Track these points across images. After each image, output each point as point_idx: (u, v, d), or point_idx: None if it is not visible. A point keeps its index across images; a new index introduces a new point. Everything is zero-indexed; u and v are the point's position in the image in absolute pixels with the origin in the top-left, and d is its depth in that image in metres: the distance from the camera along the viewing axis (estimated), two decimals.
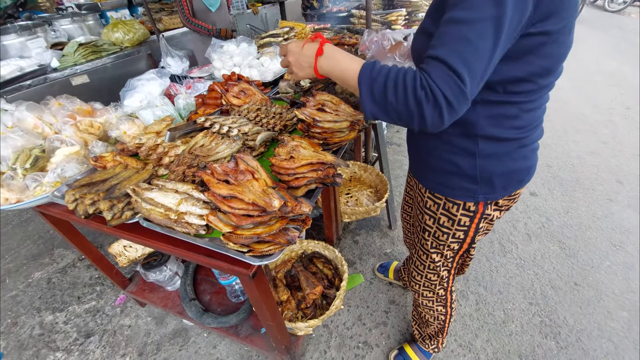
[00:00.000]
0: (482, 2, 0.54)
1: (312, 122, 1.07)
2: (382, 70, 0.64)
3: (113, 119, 1.40)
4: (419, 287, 1.23)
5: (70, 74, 2.80)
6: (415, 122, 0.61)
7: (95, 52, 2.99)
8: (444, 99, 0.56)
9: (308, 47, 0.79)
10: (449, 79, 0.56)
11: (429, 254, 1.09)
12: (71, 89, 2.83)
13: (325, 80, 1.35)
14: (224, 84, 1.62)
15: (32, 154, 1.23)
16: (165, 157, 1.07)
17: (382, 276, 1.90)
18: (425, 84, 0.57)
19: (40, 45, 3.02)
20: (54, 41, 3.10)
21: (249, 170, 0.77)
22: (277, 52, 1.29)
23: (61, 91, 2.78)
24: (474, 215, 0.90)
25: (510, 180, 0.84)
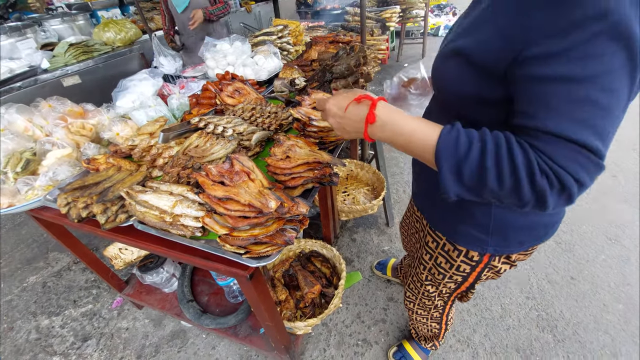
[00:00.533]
0: (605, 47, 0.40)
1: (308, 121, 1.06)
2: (474, 144, 0.48)
3: (105, 120, 1.38)
4: (413, 306, 1.17)
5: (61, 74, 2.75)
6: (528, 207, 0.48)
7: (86, 53, 2.94)
8: (576, 183, 0.44)
9: (354, 112, 0.61)
10: (580, 157, 0.43)
11: (423, 284, 1.02)
12: (62, 90, 2.79)
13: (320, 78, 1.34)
14: (218, 84, 1.60)
15: (23, 157, 1.21)
16: (159, 159, 1.05)
17: (380, 273, 1.90)
18: (547, 168, 0.44)
19: (31, 46, 2.96)
20: (44, 42, 3.05)
21: (245, 171, 0.76)
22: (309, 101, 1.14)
23: (52, 92, 2.73)
24: (475, 265, 0.80)
25: (529, 235, 0.71)
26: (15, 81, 2.60)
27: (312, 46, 1.88)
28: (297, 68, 1.85)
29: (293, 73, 1.80)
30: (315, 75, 1.37)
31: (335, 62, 1.35)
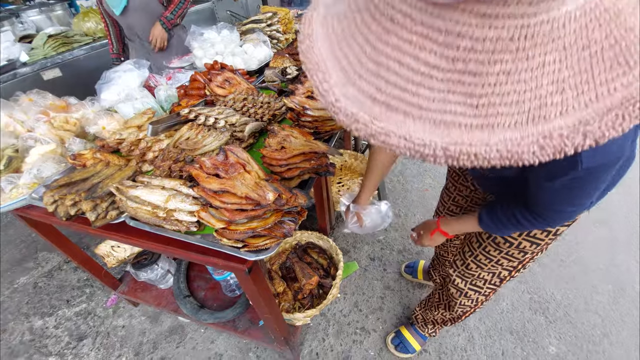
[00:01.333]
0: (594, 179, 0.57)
1: (302, 111, 1.04)
2: (503, 217, 0.75)
3: (90, 114, 1.32)
4: (464, 285, 1.11)
5: (40, 68, 2.63)
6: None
7: (66, 44, 2.82)
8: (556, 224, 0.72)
9: (436, 239, 1.01)
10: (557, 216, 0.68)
11: (493, 266, 1.02)
12: (43, 83, 2.67)
13: None
14: (207, 74, 1.55)
15: (5, 155, 1.16)
16: (149, 152, 1.02)
17: (411, 277, 1.82)
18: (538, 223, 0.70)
19: (8, 39, 2.81)
20: (22, 34, 2.91)
21: (240, 162, 0.74)
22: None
23: (32, 87, 2.60)
24: (535, 241, 0.89)
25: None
26: None
27: None
28: (288, 57, 1.80)
29: (284, 62, 1.76)
30: None
31: None
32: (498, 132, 0.27)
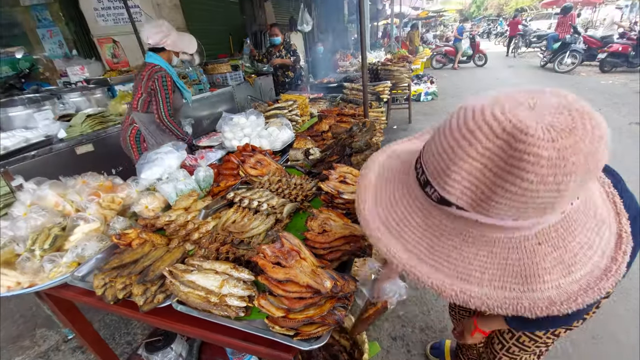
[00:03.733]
0: None
1: (337, 194, 1.14)
2: (534, 324, 0.79)
3: (134, 193, 1.43)
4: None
5: (75, 143, 2.87)
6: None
7: (102, 123, 3.12)
8: None
9: (477, 337, 1.04)
10: None
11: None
12: (75, 157, 2.88)
13: (340, 152, 1.47)
14: (240, 155, 1.72)
15: (52, 234, 1.22)
16: (195, 233, 1.09)
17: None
18: None
19: (48, 117, 3.12)
20: (62, 113, 3.23)
21: (294, 249, 0.80)
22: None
23: (65, 160, 2.83)
24: (557, 336, 0.93)
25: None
26: (30, 150, 2.68)
27: (322, 119, 2.08)
28: (309, 139, 2.01)
29: (307, 143, 1.96)
30: (334, 149, 1.51)
31: (352, 138, 1.50)
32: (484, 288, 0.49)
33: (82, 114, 3.07)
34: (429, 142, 0.49)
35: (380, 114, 2.54)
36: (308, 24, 5.68)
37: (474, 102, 0.43)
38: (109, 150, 3.06)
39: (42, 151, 2.70)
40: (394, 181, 0.58)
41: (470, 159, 0.41)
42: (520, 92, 0.43)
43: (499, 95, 0.43)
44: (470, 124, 0.41)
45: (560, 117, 0.39)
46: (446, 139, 0.44)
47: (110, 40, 4.94)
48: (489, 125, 0.39)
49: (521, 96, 0.42)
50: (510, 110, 0.39)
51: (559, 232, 0.47)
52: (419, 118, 6.23)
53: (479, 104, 0.42)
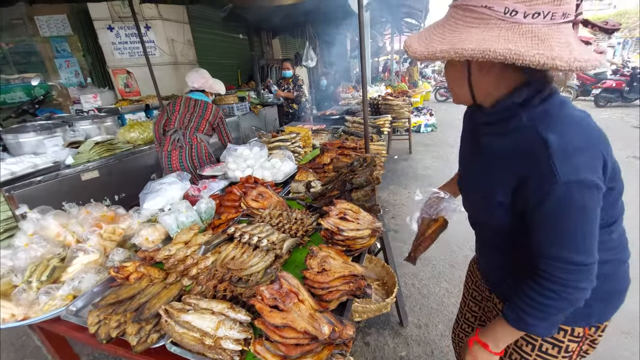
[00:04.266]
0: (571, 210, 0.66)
1: (337, 231, 1.15)
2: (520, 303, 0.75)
3: (135, 224, 1.44)
4: None
5: (82, 170, 2.92)
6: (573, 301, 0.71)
7: (109, 150, 3.19)
8: (568, 282, 0.69)
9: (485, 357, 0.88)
10: (566, 267, 0.68)
11: None
12: (80, 183, 2.92)
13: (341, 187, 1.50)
14: (242, 187, 1.75)
15: (50, 265, 1.21)
16: (193, 269, 1.08)
17: None
18: (554, 285, 0.69)
19: (57, 144, 3.20)
20: (72, 140, 3.32)
21: (293, 291, 0.80)
22: None
23: (70, 186, 2.87)
24: (579, 340, 0.86)
25: (618, 300, 0.87)
26: (37, 175, 2.72)
27: (324, 152, 2.14)
28: (311, 171, 2.05)
29: (308, 176, 1.99)
30: (335, 184, 1.54)
31: (353, 173, 1.53)
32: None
33: (90, 141, 3.15)
34: None
35: (381, 147, 2.60)
36: (312, 60, 6.00)
37: None
38: (114, 177, 3.11)
39: (48, 177, 2.75)
40: None
41: None
42: None
43: None
44: None
45: None
46: None
47: (124, 71, 5.20)
48: None
49: None
50: None
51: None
52: (419, 149, 6.34)
53: None
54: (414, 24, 9.87)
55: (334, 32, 6.41)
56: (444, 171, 5.07)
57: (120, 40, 5.05)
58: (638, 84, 8.74)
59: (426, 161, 5.62)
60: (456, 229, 3.57)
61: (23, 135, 3.04)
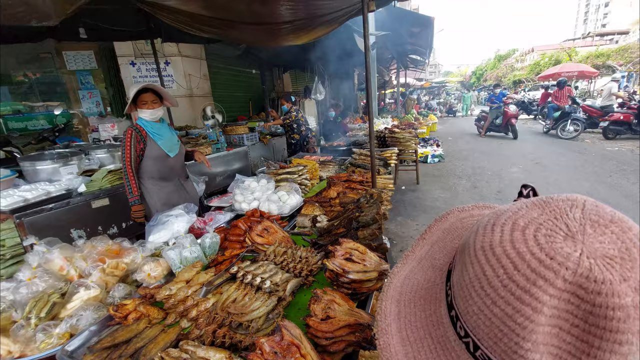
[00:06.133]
0: None
1: (342, 273, 1.11)
2: None
3: (139, 258, 1.43)
4: None
5: (93, 197, 2.98)
6: None
7: (121, 178, 3.26)
8: None
9: None
10: None
11: None
12: (90, 210, 2.96)
13: (347, 225, 1.47)
14: (248, 221, 1.74)
15: (50, 301, 1.20)
16: (193, 310, 1.05)
17: None
18: None
19: (72, 172, 3.30)
20: (86, 168, 3.42)
21: (295, 343, 0.76)
22: None
23: (80, 213, 2.91)
24: None
25: None
26: (49, 202, 2.78)
27: (331, 186, 2.14)
28: (317, 205, 2.04)
29: (315, 210, 1.98)
30: (341, 222, 1.52)
31: (360, 210, 1.52)
32: None
33: (104, 169, 3.24)
34: (465, 292, 0.38)
35: (387, 180, 2.60)
36: (321, 94, 6.24)
37: (494, 238, 0.36)
38: (123, 205, 3.14)
39: (59, 204, 2.80)
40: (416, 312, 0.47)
41: (541, 327, 0.32)
42: (526, 207, 0.38)
43: (514, 220, 0.36)
44: (517, 277, 0.33)
45: (607, 239, 0.33)
46: (494, 303, 0.34)
47: None
48: (543, 277, 0.31)
49: (536, 215, 0.36)
50: (551, 245, 0.33)
51: None
52: (427, 180, 6.31)
53: (503, 239, 0.35)
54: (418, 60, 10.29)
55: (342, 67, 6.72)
56: (452, 203, 5.00)
57: (141, 74, 5.37)
58: None
59: (434, 192, 5.57)
60: None
61: (40, 162, 3.14)
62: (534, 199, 0.40)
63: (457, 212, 0.60)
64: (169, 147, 2.46)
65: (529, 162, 7.36)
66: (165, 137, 2.45)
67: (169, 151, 2.46)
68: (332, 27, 2.90)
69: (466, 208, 0.60)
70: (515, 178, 6.17)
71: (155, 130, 2.42)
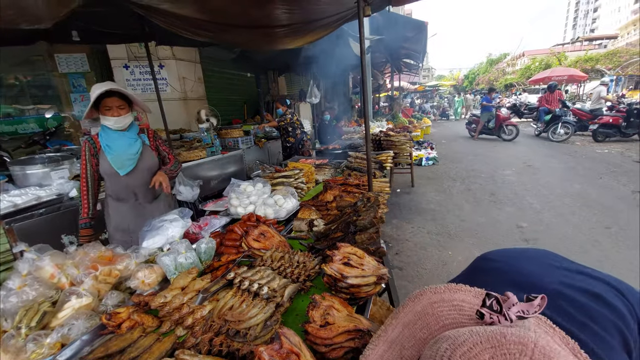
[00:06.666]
0: None
1: (340, 278, 1.10)
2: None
3: (132, 265, 1.40)
4: None
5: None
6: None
7: None
8: None
9: None
10: None
11: None
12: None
13: (344, 229, 1.47)
14: (244, 225, 1.72)
15: (40, 310, 1.16)
16: (189, 318, 1.03)
17: None
18: None
19: (63, 176, 3.24)
20: (78, 172, 3.36)
21: (294, 351, 0.74)
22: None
23: (71, 218, 2.85)
24: None
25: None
26: (39, 208, 2.72)
27: (327, 190, 2.13)
28: (314, 209, 2.03)
29: (311, 214, 1.97)
30: (339, 226, 1.51)
31: (357, 213, 1.51)
32: None
33: None
34: None
35: (384, 184, 2.61)
36: (316, 97, 6.26)
37: None
38: None
39: (50, 209, 2.75)
40: None
41: None
42: (480, 345, 0.41)
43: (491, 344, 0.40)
44: None
45: None
46: None
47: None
48: None
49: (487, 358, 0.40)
50: None
51: None
52: (421, 182, 6.35)
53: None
54: (412, 64, 10.39)
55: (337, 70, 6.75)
56: (447, 205, 5.03)
57: (134, 77, 5.32)
58: (635, 120, 8.93)
59: (429, 195, 5.60)
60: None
61: (30, 167, 3.07)
62: (489, 334, 0.42)
63: (430, 294, 0.61)
64: (119, 164, 2.04)
65: (521, 165, 7.46)
66: (118, 151, 2.03)
67: (118, 168, 2.05)
68: (327, 30, 2.91)
69: (439, 290, 0.62)
70: (508, 180, 6.24)
71: (110, 142, 2.03)
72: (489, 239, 3.84)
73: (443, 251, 3.63)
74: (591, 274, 0.61)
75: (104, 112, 1.96)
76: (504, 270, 0.65)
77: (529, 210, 4.68)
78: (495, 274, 0.65)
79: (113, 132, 2.03)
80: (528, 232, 3.98)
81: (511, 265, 0.66)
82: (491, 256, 0.72)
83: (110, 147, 2.03)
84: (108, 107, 1.94)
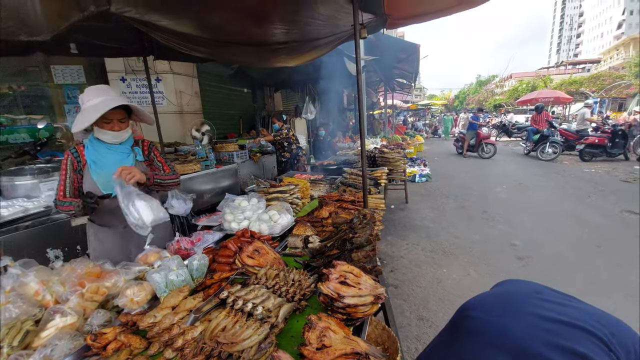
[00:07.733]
0: None
1: (337, 297, 1.08)
2: None
3: (121, 281, 1.35)
4: None
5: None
6: None
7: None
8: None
9: None
10: None
11: None
12: (69, 229, 2.82)
13: (340, 247, 1.45)
14: (238, 241, 1.69)
15: (23, 328, 1.11)
16: (179, 339, 0.99)
17: None
18: None
19: (52, 188, 3.17)
20: None
21: None
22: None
23: (59, 232, 2.77)
24: None
25: None
26: (26, 220, 2.65)
27: (323, 206, 2.13)
28: (309, 225, 2.02)
29: (306, 230, 1.95)
30: (334, 242, 1.50)
31: (353, 230, 1.50)
32: None
33: None
34: None
35: (379, 200, 2.61)
36: (312, 113, 6.35)
37: None
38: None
39: (37, 222, 2.67)
40: None
41: None
42: None
43: None
44: None
45: None
46: None
47: None
48: None
49: None
50: None
51: None
52: (415, 199, 6.39)
53: None
54: (405, 83, 10.70)
55: (332, 87, 6.89)
56: (440, 222, 5.05)
57: (130, 90, 5.33)
58: (620, 140, 9.26)
59: (423, 211, 5.63)
60: (464, 292, 3.39)
61: (19, 177, 3.01)
62: None
63: None
64: (105, 184, 1.77)
65: (512, 182, 7.60)
66: (105, 169, 1.75)
67: (104, 189, 1.78)
68: (324, 50, 3.00)
69: None
70: (500, 198, 6.33)
71: (98, 158, 1.77)
72: (483, 257, 3.84)
73: (438, 269, 3.61)
74: (575, 323, 0.59)
75: (101, 124, 1.71)
76: (483, 332, 0.64)
77: (521, 228, 4.72)
78: (475, 337, 0.65)
79: (102, 146, 1.78)
80: (521, 250, 4.00)
81: (491, 324, 0.65)
82: (471, 312, 0.71)
83: (97, 163, 1.76)
84: (108, 120, 1.71)
